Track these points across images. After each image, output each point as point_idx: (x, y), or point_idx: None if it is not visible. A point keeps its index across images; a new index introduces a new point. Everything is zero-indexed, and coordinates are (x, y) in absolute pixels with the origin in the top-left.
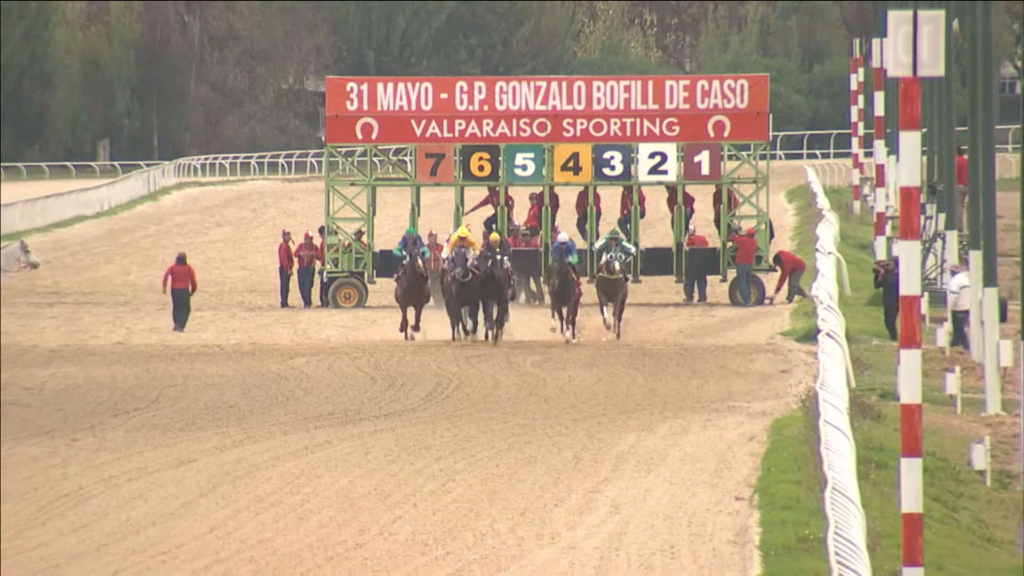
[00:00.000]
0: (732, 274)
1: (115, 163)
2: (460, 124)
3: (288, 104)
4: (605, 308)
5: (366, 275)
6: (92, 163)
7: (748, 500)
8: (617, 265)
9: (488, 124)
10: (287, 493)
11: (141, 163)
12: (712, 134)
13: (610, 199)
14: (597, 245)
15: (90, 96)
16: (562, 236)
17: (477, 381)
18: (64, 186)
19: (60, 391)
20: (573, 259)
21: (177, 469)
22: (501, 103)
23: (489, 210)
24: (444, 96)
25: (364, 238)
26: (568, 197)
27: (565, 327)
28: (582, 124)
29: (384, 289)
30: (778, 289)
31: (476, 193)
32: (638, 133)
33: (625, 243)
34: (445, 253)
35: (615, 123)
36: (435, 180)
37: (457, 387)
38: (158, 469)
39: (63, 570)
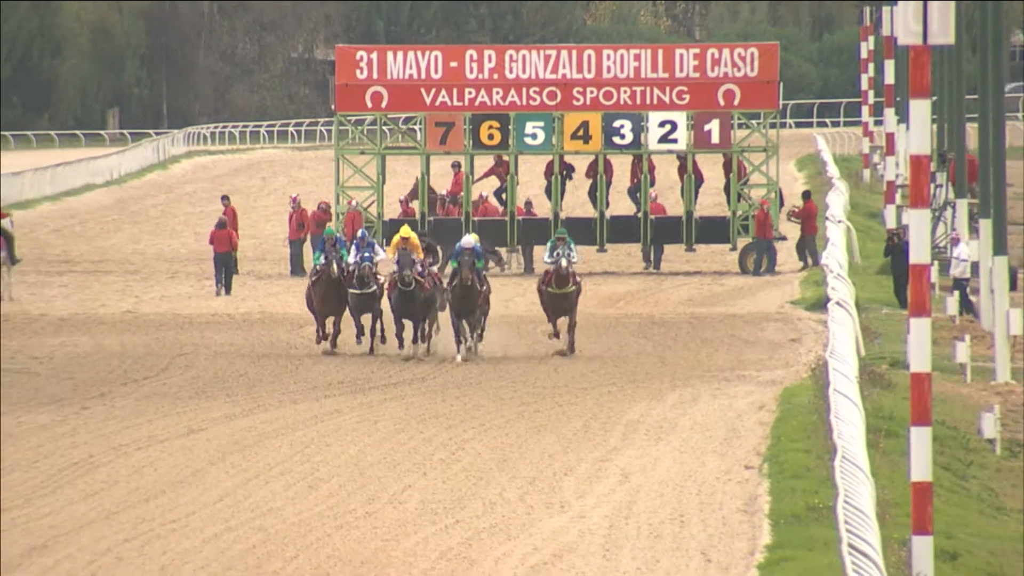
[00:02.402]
0: (741, 243)
1: (125, 131)
2: (470, 93)
3: (298, 73)
4: (553, 323)
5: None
6: (102, 131)
7: (758, 469)
8: (564, 263)
9: (498, 93)
10: (297, 462)
11: (151, 132)
12: (722, 103)
13: (620, 168)
14: (546, 256)
15: (100, 65)
16: (468, 239)
17: (486, 350)
18: (74, 155)
19: (70, 359)
20: (480, 264)
21: (187, 438)
22: (511, 72)
23: (496, 181)
24: (454, 65)
25: (373, 208)
26: (579, 165)
27: (468, 342)
28: (592, 93)
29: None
30: (793, 215)
31: (485, 161)
32: (648, 102)
33: (572, 244)
34: (388, 255)
35: (625, 92)
36: (445, 149)
37: (466, 356)
38: (168, 438)
39: (73, 538)
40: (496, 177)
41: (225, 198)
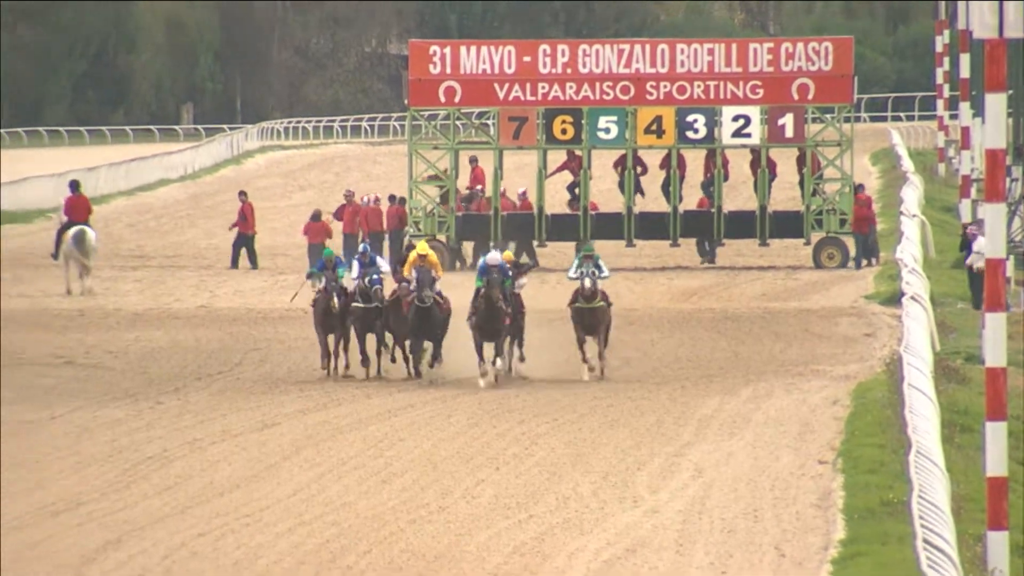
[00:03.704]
0: (815, 237)
1: (199, 127)
2: (543, 87)
3: (371, 67)
4: (584, 344)
5: (449, 239)
6: (176, 127)
7: (831, 464)
8: (588, 282)
9: (571, 87)
10: (370, 456)
11: (224, 127)
12: (796, 97)
13: (693, 162)
14: (571, 272)
15: (174, 60)
16: (495, 256)
17: (557, 345)
18: (148, 150)
19: (144, 354)
20: (507, 283)
21: (261, 432)
22: (584, 66)
23: (569, 176)
24: (527, 59)
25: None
26: (652, 160)
27: (499, 366)
28: (665, 87)
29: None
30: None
31: (558, 156)
32: (722, 96)
33: (601, 261)
34: (404, 272)
35: (699, 86)
36: (518, 143)
37: (539, 350)
38: (242, 432)
39: (148, 532)
40: (569, 172)
41: (242, 194)
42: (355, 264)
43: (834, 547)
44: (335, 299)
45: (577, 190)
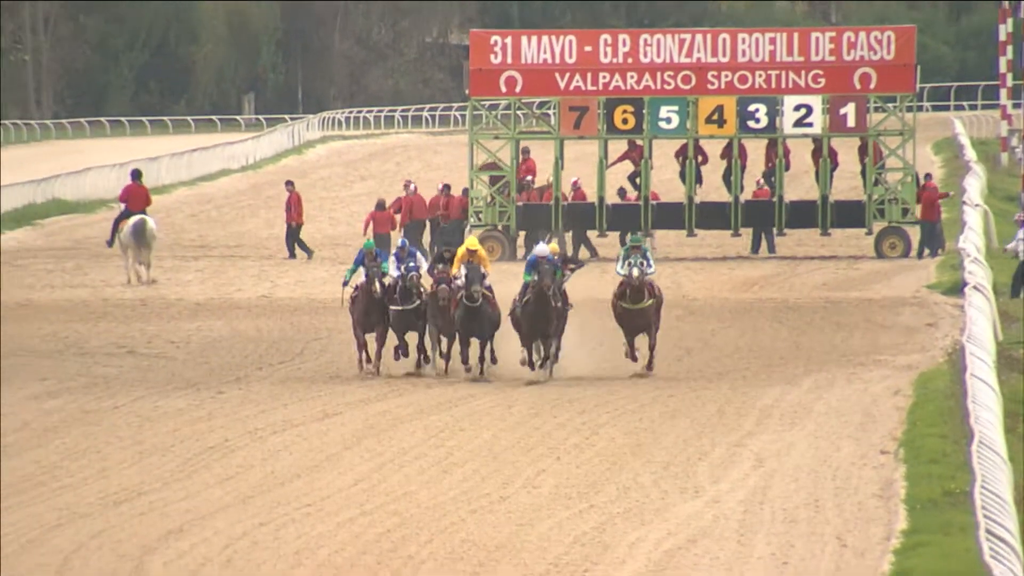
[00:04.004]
0: (877, 227)
1: (260, 117)
2: (604, 77)
3: (432, 57)
4: (630, 342)
5: (509, 229)
6: (237, 117)
7: (893, 454)
8: (636, 272)
9: (632, 77)
10: (431, 446)
11: (286, 117)
12: (858, 86)
13: (755, 152)
14: (618, 267)
15: (236, 50)
16: (543, 248)
17: (619, 335)
18: (210, 140)
19: (206, 344)
20: (558, 275)
21: (322, 422)
22: (645, 56)
23: (629, 166)
24: (588, 49)
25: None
26: (712, 150)
27: (542, 363)
28: (727, 76)
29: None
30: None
31: (619, 146)
32: (783, 85)
33: (648, 253)
34: (452, 270)
35: (760, 75)
36: (579, 133)
37: (600, 341)
38: (303, 422)
39: (209, 522)
40: (630, 162)
41: (289, 183)
42: (392, 259)
43: (896, 537)
44: (376, 284)
45: (638, 180)
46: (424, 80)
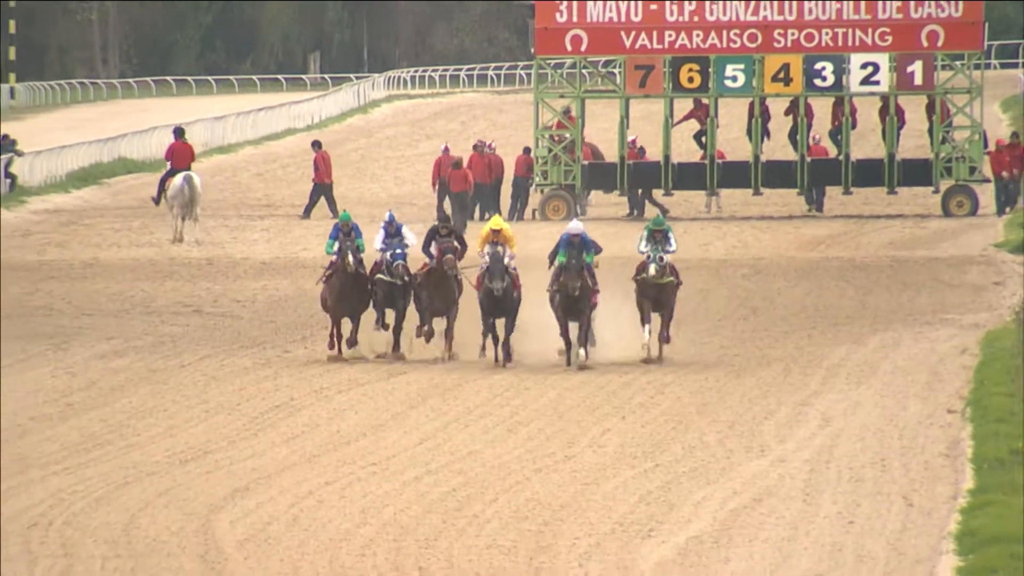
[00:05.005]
0: (944, 185)
1: (325, 76)
2: (670, 35)
3: (497, 16)
4: (646, 323)
5: (577, 187)
6: (303, 76)
7: (960, 413)
8: (653, 269)
9: (698, 35)
10: (496, 405)
11: (351, 76)
12: (925, 44)
13: (820, 110)
14: (641, 245)
15: (301, 9)
16: (576, 225)
17: (685, 294)
18: (275, 99)
19: (271, 303)
20: (589, 258)
21: (387, 381)
22: (711, 14)
23: (695, 124)
24: (654, 7)
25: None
26: (776, 108)
27: (578, 348)
28: (793, 35)
29: (600, 203)
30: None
31: (684, 105)
32: (850, 43)
33: (671, 234)
34: (477, 248)
35: (827, 33)
36: (644, 92)
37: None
38: (368, 381)
39: (275, 480)
40: (696, 120)
41: (316, 143)
42: (380, 232)
43: (963, 496)
44: (349, 258)
45: (704, 139)
46: (489, 39)
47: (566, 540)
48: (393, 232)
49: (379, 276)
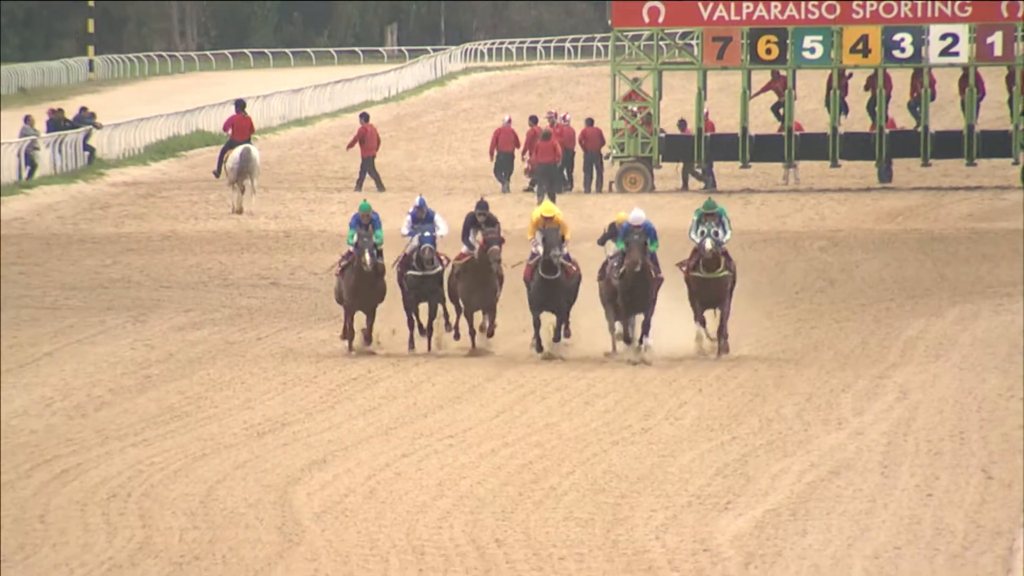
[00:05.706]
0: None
1: (402, 48)
2: (747, 7)
3: None
4: (701, 324)
5: (653, 160)
6: (380, 48)
7: None
8: (709, 243)
9: (776, 7)
10: (573, 378)
11: (428, 48)
12: (1005, 14)
13: (899, 81)
14: (691, 232)
15: None
16: (638, 214)
17: (762, 267)
18: (352, 71)
19: None
20: (653, 246)
21: (464, 355)
22: None
23: (773, 96)
24: None
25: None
26: (856, 81)
27: (638, 344)
28: (872, 6)
29: (666, 175)
30: None
31: (762, 77)
32: (929, 14)
33: (725, 218)
34: (529, 235)
35: (906, 4)
36: (721, 64)
37: (742, 272)
38: (445, 354)
39: (352, 452)
40: (774, 92)
41: (363, 115)
42: (408, 219)
43: None
44: (366, 256)
45: (781, 111)
46: (567, 11)
47: (643, 513)
48: (423, 218)
49: (409, 273)
